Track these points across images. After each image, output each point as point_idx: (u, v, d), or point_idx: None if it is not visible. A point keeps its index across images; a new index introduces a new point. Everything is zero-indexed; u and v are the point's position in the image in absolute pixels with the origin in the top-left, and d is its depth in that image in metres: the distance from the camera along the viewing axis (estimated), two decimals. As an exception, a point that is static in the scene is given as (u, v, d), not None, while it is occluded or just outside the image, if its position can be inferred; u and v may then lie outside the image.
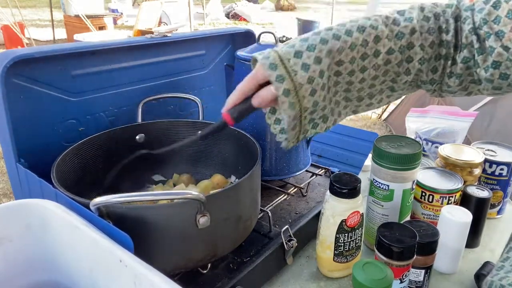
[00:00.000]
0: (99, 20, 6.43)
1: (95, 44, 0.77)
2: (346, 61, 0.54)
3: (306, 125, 0.57)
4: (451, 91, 0.60)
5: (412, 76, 0.58)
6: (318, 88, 0.54)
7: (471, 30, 0.54)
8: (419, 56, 0.56)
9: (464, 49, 0.55)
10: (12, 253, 0.55)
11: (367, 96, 0.60)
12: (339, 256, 0.70)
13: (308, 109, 0.55)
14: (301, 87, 0.53)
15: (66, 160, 0.68)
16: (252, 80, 0.56)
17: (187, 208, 0.54)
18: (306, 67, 0.52)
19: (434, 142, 1.03)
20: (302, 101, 0.54)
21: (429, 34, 0.56)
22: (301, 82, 0.52)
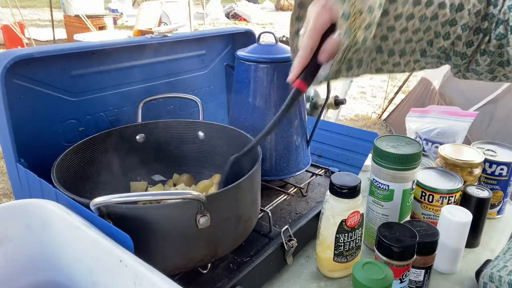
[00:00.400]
0: (99, 20, 6.44)
1: (95, 44, 0.77)
2: (399, 1, 0.52)
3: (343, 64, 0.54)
4: (478, 71, 0.58)
5: (449, 42, 0.56)
6: (374, 23, 0.51)
7: (510, 6, 0.52)
8: (464, 21, 0.54)
9: (500, 25, 0.54)
10: (12, 253, 0.55)
11: (398, 53, 0.57)
12: (339, 256, 0.70)
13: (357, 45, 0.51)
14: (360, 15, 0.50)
15: (66, 160, 0.68)
16: (315, 30, 0.52)
17: (187, 208, 0.54)
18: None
19: (434, 142, 1.03)
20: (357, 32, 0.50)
21: (478, 2, 0.54)
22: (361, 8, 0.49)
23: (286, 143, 0.84)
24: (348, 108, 4.37)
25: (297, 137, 0.86)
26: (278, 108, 0.81)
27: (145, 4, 6.43)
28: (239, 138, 0.77)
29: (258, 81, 0.81)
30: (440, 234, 0.65)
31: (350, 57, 0.53)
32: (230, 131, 0.79)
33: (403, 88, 4.07)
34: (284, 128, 0.83)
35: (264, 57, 0.79)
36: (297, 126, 0.85)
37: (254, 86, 0.81)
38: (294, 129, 0.84)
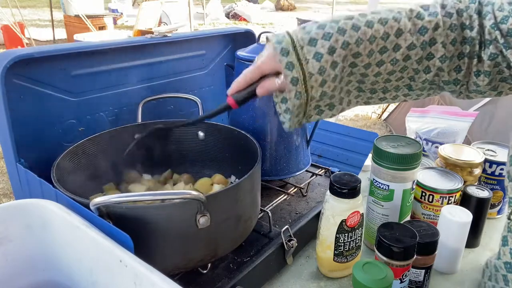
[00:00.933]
0: (99, 20, 6.44)
1: (95, 44, 0.77)
2: (364, 54, 0.52)
3: (311, 111, 0.56)
4: (480, 90, 0.58)
5: (432, 75, 0.55)
6: (329, 80, 0.52)
7: (492, 25, 0.52)
8: (440, 54, 0.54)
9: (489, 45, 0.53)
10: (12, 253, 0.55)
11: (380, 90, 0.58)
12: (339, 256, 0.70)
13: (314, 99, 0.54)
14: (311, 77, 0.51)
15: (66, 160, 0.68)
16: (257, 70, 0.55)
17: (187, 208, 0.54)
18: (319, 57, 0.51)
19: (434, 142, 1.03)
20: (310, 91, 0.52)
21: (451, 31, 0.53)
22: (312, 71, 0.51)
23: (286, 143, 0.84)
24: (348, 108, 4.36)
25: (297, 137, 0.86)
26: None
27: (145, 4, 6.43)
28: (239, 138, 0.77)
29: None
30: (440, 234, 0.65)
31: (317, 104, 0.55)
32: (230, 131, 0.79)
33: (403, 88, 4.06)
34: (284, 128, 0.83)
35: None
36: (297, 126, 0.85)
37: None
38: (294, 129, 0.84)
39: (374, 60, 0.53)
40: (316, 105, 0.55)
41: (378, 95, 0.58)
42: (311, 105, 0.55)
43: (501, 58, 0.53)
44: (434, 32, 0.53)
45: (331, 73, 0.52)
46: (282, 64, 0.52)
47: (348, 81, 0.55)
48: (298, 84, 0.52)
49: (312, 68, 0.51)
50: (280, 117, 0.58)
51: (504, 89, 0.58)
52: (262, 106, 0.81)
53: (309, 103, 0.54)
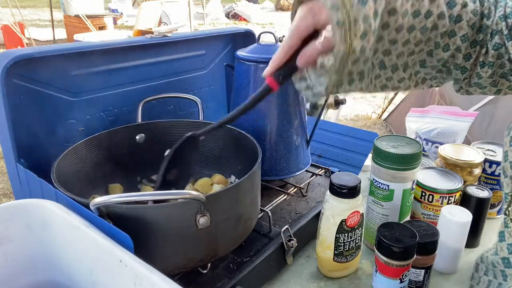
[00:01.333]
0: (99, 20, 6.44)
1: (95, 44, 0.77)
2: (399, 11, 0.50)
3: (344, 77, 0.53)
4: (481, 84, 0.58)
5: (449, 54, 0.55)
6: (369, 32, 0.49)
7: (501, 17, 0.53)
8: (463, 32, 0.54)
9: (495, 35, 0.54)
10: (12, 253, 0.55)
11: (402, 67, 0.56)
12: (339, 256, 0.70)
13: (354, 54, 0.50)
14: (356, 23, 0.48)
15: (66, 160, 0.68)
16: (295, 32, 0.52)
17: (187, 208, 0.54)
18: (364, 2, 0.48)
19: (434, 142, 1.03)
20: (352, 40, 0.49)
21: (473, 15, 0.54)
22: (356, 17, 0.48)
23: (286, 143, 0.84)
24: (348, 108, 4.37)
25: (297, 137, 0.86)
26: (278, 108, 0.81)
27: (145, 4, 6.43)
28: (239, 138, 0.77)
29: (258, 81, 0.81)
30: (440, 234, 0.65)
31: (350, 69, 0.52)
32: (230, 131, 0.79)
33: (403, 88, 4.06)
34: (284, 128, 0.83)
35: (264, 57, 0.79)
36: (297, 126, 0.85)
37: (254, 86, 0.81)
38: (294, 129, 0.84)
39: (407, 23, 0.52)
40: (349, 71, 0.52)
41: (399, 74, 0.57)
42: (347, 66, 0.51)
43: (504, 50, 0.54)
44: (462, 9, 0.53)
45: (372, 23, 0.49)
46: (327, 6, 0.48)
47: (375, 50, 0.53)
48: (343, 27, 0.48)
49: (357, 13, 0.48)
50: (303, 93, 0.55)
51: (503, 87, 0.58)
52: (262, 106, 0.81)
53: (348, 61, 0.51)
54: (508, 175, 0.54)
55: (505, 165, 0.54)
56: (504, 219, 0.55)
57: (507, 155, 0.54)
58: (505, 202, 0.55)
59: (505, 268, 0.55)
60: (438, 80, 0.60)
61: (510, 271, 0.54)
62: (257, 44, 0.84)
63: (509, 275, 0.54)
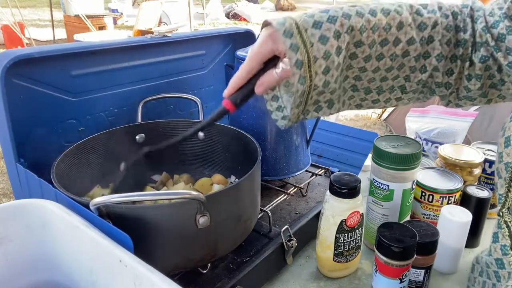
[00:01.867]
0: (99, 20, 6.43)
1: (95, 44, 0.77)
2: (366, 43, 0.51)
3: (310, 106, 0.53)
4: (471, 96, 0.58)
5: (427, 75, 0.55)
6: (332, 67, 0.49)
7: (483, 28, 0.53)
8: (437, 52, 0.54)
9: (480, 48, 0.54)
10: (12, 253, 0.55)
11: (375, 90, 0.56)
12: (339, 256, 0.70)
13: (317, 88, 0.51)
14: (316, 61, 0.49)
15: (66, 160, 0.68)
16: (256, 56, 0.52)
17: (187, 208, 0.54)
18: (324, 40, 0.48)
19: (434, 142, 1.03)
20: (313, 78, 0.49)
21: (447, 31, 0.54)
22: (317, 55, 0.48)
23: (286, 143, 0.84)
24: (348, 108, 4.36)
25: (297, 137, 0.86)
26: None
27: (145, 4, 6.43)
28: (239, 138, 0.77)
29: (258, 81, 0.80)
30: (440, 234, 0.65)
31: (317, 99, 0.53)
32: (230, 131, 0.79)
33: (403, 88, 4.06)
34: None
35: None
36: (297, 126, 0.85)
37: (254, 86, 0.81)
38: (294, 129, 0.84)
39: (375, 52, 0.52)
40: (315, 100, 0.53)
41: (372, 96, 0.57)
42: (312, 98, 0.52)
43: (492, 61, 0.54)
44: (432, 29, 0.53)
45: (335, 59, 0.49)
46: (286, 45, 0.48)
47: (346, 77, 0.54)
48: (302, 68, 0.48)
49: (317, 52, 0.48)
50: (272, 115, 0.56)
51: (493, 97, 0.58)
52: (262, 106, 0.81)
53: (311, 94, 0.51)
54: (503, 176, 0.54)
55: (500, 166, 0.54)
56: (498, 220, 0.55)
57: (502, 156, 0.54)
58: (499, 204, 0.55)
59: (498, 269, 0.55)
60: (421, 99, 0.60)
61: (503, 272, 0.54)
62: (257, 44, 0.84)
63: (502, 276, 0.55)
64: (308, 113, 0.55)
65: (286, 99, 0.55)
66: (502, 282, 0.54)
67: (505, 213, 0.54)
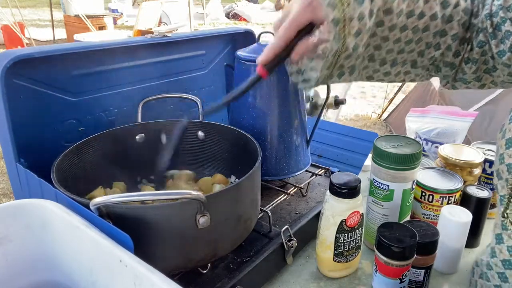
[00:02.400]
0: (99, 20, 6.44)
1: (95, 44, 0.77)
2: (395, 12, 0.52)
3: (335, 70, 0.54)
4: (465, 79, 0.59)
5: (439, 53, 0.57)
6: (364, 30, 0.51)
7: (487, 15, 0.54)
8: (454, 32, 0.55)
9: (480, 33, 0.55)
10: (12, 253, 0.55)
11: (389, 62, 0.57)
12: (339, 256, 0.70)
13: (347, 50, 0.51)
14: (351, 21, 0.50)
15: (66, 160, 0.68)
16: (293, 24, 0.52)
17: (187, 208, 0.54)
18: (360, 1, 0.49)
19: (434, 142, 1.03)
20: (346, 38, 0.50)
21: (464, 13, 0.55)
22: (352, 15, 0.49)
23: (286, 143, 0.84)
24: (348, 108, 4.37)
25: (297, 137, 0.86)
26: (278, 108, 0.81)
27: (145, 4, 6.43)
28: (239, 138, 0.77)
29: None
30: (440, 234, 0.65)
31: (342, 63, 0.54)
32: (230, 131, 0.79)
33: (403, 88, 4.07)
34: (284, 128, 0.83)
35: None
36: (297, 126, 0.85)
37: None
38: (294, 129, 0.84)
39: (401, 22, 0.53)
40: (341, 64, 0.53)
41: (385, 68, 0.58)
42: (339, 61, 0.53)
43: (488, 47, 0.56)
44: (454, 9, 0.55)
45: (367, 23, 0.50)
46: (324, 3, 0.49)
47: (367, 45, 0.54)
48: (338, 26, 0.49)
49: (354, 11, 0.49)
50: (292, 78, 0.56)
51: (487, 82, 0.59)
52: (262, 106, 0.81)
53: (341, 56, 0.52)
54: (504, 178, 0.54)
55: (501, 167, 0.54)
56: (501, 221, 0.55)
57: (503, 157, 0.54)
58: (501, 205, 0.55)
59: (506, 269, 0.55)
60: (424, 77, 0.62)
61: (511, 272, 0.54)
62: (257, 44, 0.84)
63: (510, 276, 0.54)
64: (332, 77, 0.55)
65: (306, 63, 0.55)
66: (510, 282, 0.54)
67: (510, 214, 0.54)
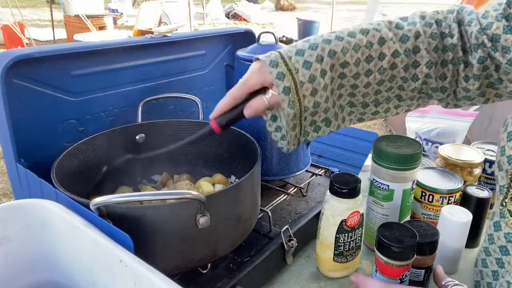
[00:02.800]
0: (99, 20, 6.43)
1: (95, 44, 0.77)
2: (351, 63, 0.54)
3: (307, 127, 0.57)
4: (469, 96, 0.59)
5: (420, 82, 0.57)
6: (320, 88, 0.53)
7: (479, 30, 0.54)
8: (426, 60, 0.56)
9: (477, 49, 0.55)
10: (12, 253, 0.55)
11: (372, 103, 0.59)
12: (339, 256, 0.70)
13: (308, 109, 0.54)
14: (302, 85, 0.52)
15: (66, 160, 0.68)
16: (243, 86, 0.56)
17: (187, 208, 0.54)
18: (308, 65, 0.52)
19: (434, 142, 1.03)
20: (302, 100, 0.53)
21: (432, 39, 0.56)
22: (302, 80, 0.52)
23: (286, 143, 0.84)
24: (348, 108, 4.36)
25: (297, 137, 0.86)
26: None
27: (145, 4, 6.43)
28: (239, 138, 0.77)
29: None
30: (440, 234, 0.65)
31: (313, 120, 0.56)
32: (230, 131, 0.79)
33: (403, 88, 4.06)
34: (284, 128, 0.83)
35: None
36: (297, 126, 0.85)
37: (254, 86, 0.81)
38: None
39: (362, 69, 0.55)
40: (312, 120, 0.56)
41: (371, 109, 0.60)
42: (307, 119, 0.55)
43: (489, 61, 0.55)
44: (416, 40, 0.55)
45: (321, 81, 0.53)
46: (272, 75, 0.52)
47: (340, 95, 0.57)
48: (290, 93, 0.52)
49: (303, 77, 0.52)
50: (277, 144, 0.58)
51: (490, 96, 0.60)
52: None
53: (304, 116, 0.55)
54: (504, 169, 0.55)
55: (502, 159, 0.55)
56: (500, 209, 0.56)
57: (504, 149, 0.55)
58: (501, 194, 0.56)
59: (502, 255, 0.56)
60: (421, 105, 0.62)
61: (508, 258, 0.55)
62: (257, 44, 0.84)
63: (507, 262, 0.55)
64: (308, 134, 0.58)
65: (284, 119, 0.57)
66: (506, 267, 0.55)
67: (508, 202, 0.55)
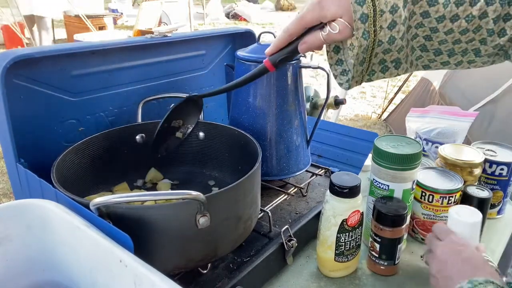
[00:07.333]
0: (99, 20, 6.43)
1: (95, 44, 0.77)
2: (440, 1, 0.48)
3: (375, 65, 0.52)
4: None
5: (506, 39, 0.50)
6: (399, 22, 0.48)
7: None
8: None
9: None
10: (12, 253, 0.55)
11: (446, 53, 0.53)
12: (340, 256, 0.70)
13: (382, 44, 0.49)
14: (382, 15, 0.47)
15: (66, 160, 0.68)
16: (300, 21, 0.52)
17: (187, 208, 0.54)
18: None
19: (434, 142, 1.03)
20: (378, 32, 0.48)
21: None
22: (383, 9, 0.47)
23: (286, 143, 0.84)
24: (348, 108, 4.37)
25: (297, 137, 0.86)
26: (278, 108, 0.81)
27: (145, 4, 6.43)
28: (239, 138, 0.77)
29: (258, 81, 0.80)
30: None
31: (383, 58, 0.52)
32: (230, 131, 0.79)
33: (403, 88, 4.07)
34: (284, 128, 0.83)
35: (264, 57, 0.79)
36: (297, 126, 0.85)
37: (254, 86, 0.81)
38: (294, 129, 0.84)
39: (450, 12, 0.49)
40: (382, 59, 0.51)
41: (442, 58, 0.54)
42: (377, 56, 0.51)
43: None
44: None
45: (402, 14, 0.47)
46: None
47: (415, 35, 0.51)
48: (367, 22, 0.47)
49: (384, 5, 0.47)
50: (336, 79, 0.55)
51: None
52: (262, 106, 0.81)
53: (375, 51, 0.50)
54: None
55: None
56: None
57: None
58: None
59: None
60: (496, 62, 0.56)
61: None
62: (257, 44, 0.84)
63: None
64: (374, 73, 0.54)
65: (350, 62, 0.53)
66: None
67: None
